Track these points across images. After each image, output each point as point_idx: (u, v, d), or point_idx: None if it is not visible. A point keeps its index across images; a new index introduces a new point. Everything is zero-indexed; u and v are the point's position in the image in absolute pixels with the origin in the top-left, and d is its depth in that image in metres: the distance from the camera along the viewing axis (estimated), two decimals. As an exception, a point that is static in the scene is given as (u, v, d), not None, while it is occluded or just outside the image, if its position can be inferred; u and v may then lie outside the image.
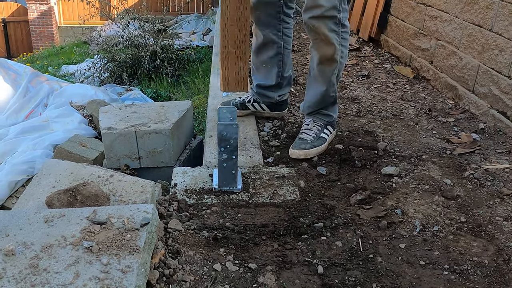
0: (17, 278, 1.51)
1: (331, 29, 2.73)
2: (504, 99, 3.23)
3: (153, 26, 9.37)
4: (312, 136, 2.92)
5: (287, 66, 3.25)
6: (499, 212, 2.32)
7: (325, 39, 2.75)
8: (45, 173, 2.34)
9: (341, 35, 2.80)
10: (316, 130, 2.95)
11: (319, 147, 2.90)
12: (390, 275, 1.95)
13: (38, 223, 1.76)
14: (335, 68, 2.88)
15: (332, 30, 2.73)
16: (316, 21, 2.70)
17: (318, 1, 2.65)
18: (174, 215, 2.24)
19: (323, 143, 2.93)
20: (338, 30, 2.76)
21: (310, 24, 2.73)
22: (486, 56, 3.45)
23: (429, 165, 2.75)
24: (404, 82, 4.31)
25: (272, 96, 3.29)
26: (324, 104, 2.98)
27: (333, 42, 2.75)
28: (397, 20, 5.02)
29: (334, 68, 2.87)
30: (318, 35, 2.76)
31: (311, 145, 2.88)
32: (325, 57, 2.82)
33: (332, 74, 2.89)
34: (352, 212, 2.39)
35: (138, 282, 1.54)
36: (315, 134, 2.93)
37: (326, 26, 2.71)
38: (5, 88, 5.11)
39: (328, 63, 2.85)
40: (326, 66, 2.86)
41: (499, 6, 3.31)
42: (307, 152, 2.86)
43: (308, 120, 3.03)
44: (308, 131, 2.95)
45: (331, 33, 2.73)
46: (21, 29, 18.61)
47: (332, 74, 2.89)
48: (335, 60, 2.83)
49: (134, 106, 3.43)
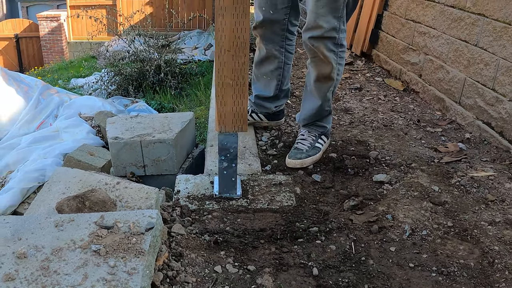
0: (29, 280, 1.51)
1: (330, 49, 2.71)
2: (488, 111, 3.24)
3: (157, 42, 9.39)
4: (307, 146, 2.92)
5: (286, 80, 3.25)
6: (484, 217, 2.32)
7: (323, 59, 2.74)
8: (55, 180, 2.34)
9: (339, 54, 2.78)
10: (311, 140, 2.95)
11: (314, 156, 2.90)
12: (381, 276, 1.95)
13: (49, 227, 1.77)
14: (331, 85, 2.87)
15: (330, 50, 2.72)
16: (316, 41, 2.69)
17: (319, 22, 2.63)
18: (177, 220, 2.24)
19: (318, 152, 2.93)
20: (336, 50, 2.75)
21: (310, 43, 2.72)
22: (472, 70, 3.47)
23: (418, 173, 2.75)
24: (394, 94, 4.32)
25: (269, 106, 3.29)
26: (319, 117, 2.98)
27: (331, 61, 2.74)
28: (387, 36, 5.04)
29: (330, 85, 2.87)
30: (316, 54, 2.74)
31: (306, 155, 2.88)
32: (322, 75, 2.81)
33: (328, 90, 2.89)
34: (345, 217, 2.39)
35: (143, 283, 1.54)
36: (310, 144, 2.93)
37: (325, 46, 2.69)
38: (18, 100, 5.12)
39: (325, 81, 2.84)
40: (323, 83, 2.86)
41: (484, 22, 3.33)
42: (303, 162, 2.86)
43: (304, 131, 3.03)
44: (304, 141, 2.96)
45: (330, 53, 2.72)
46: (33, 45, 18.67)
47: (328, 90, 2.89)
48: (332, 78, 2.83)
49: (139, 117, 3.44)
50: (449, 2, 3.82)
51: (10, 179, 3.91)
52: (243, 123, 2.36)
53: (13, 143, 4.53)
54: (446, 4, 3.87)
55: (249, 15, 2.14)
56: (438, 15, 3.98)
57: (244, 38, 2.15)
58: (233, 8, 2.11)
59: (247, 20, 2.14)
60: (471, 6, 3.51)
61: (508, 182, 2.61)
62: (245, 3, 2.11)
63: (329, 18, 2.64)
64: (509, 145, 3.01)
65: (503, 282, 1.89)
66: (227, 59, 2.20)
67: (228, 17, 2.12)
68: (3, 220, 1.82)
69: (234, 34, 2.15)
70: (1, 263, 1.58)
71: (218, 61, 2.20)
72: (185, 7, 16.03)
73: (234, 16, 2.12)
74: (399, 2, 4.78)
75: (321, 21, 2.63)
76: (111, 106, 5.80)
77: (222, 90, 2.27)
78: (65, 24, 17.16)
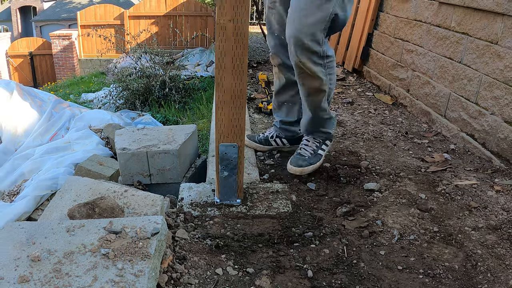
0: (42, 281, 1.52)
1: (316, 63, 2.60)
2: (472, 123, 3.25)
3: (162, 59, 9.40)
4: (309, 152, 2.85)
5: None
6: (468, 223, 2.33)
7: (311, 74, 2.62)
8: (67, 188, 2.34)
9: (326, 65, 2.66)
10: (314, 146, 2.88)
11: (315, 164, 2.82)
12: (371, 278, 1.95)
13: (61, 232, 1.77)
14: (323, 96, 2.76)
15: (317, 64, 2.60)
16: (301, 56, 2.56)
17: (301, 37, 2.50)
18: (181, 226, 2.25)
19: (319, 160, 2.85)
20: (323, 62, 2.62)
21: (296, 60, 2.60)
22: (456, 85, 3.49)
23: (406, 181, 2.76)
24: (384, 108, 4.33)
25: (294, 130, 3.19)
26: (320, 125, 2.89)
27: (319, 75, 2.62)
28: (377, 53, 5.06)
29: (322, 96, 2.76)
30: (303, 70, 2.62)
31: (308, 163, 2.80)
32: (313, 89, 2.71)
33: (322, 101, 2.78)
34: (338, 223, 2.39)
35: (149, 284, 1.55)
36: (312, 150, 2.86)
37: (311, 61, 2.58)
38: (32, 114, 5.13)
39: (316, 94, 2.73)
40: (315, 97, 2.75)
41: (468, 41, 3.35)
42: (303, 170, 2.79)
43: (308, 136, 2.95)
44: (307, 146, 2.88)
45: (317, 66, 2.60)
46: (46, 61, 18.74)
47: (321, 102, 2.78)
48: (323, 90, 2.71)
49: (145, 129, 3.45)
50: (435, 22, 3.85)
51: (25, 187, 3.91)
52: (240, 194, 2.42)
53: (28, 153, 4.53)
54: (432, 24, 3.90)
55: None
56: (425, 34, 4.01)
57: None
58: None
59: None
60: (455, 26, 3.53)
61: (490, 190, 2.62)
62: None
63: (313, 31, 2.51)
64: (491, 156, 3.02)
65: (486, 284, 1.90)
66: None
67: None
68: (18, 225, 1.83)
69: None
70: (17, 266, 1.59)
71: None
72: (188, 27, 16.11)
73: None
74: (389, 22, 4.81)
75: (302, 35, 2.50)
76: (119, 119, 5.80)
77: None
78: (76, 42, 17.22)
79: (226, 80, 2.19)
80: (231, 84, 2.19)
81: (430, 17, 3.94)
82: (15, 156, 4.53)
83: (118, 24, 16.43)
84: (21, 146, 4.73)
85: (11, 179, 4.23)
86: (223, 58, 2.15)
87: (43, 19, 27.76)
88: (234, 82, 2.19)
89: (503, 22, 2.98)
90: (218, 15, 2.07)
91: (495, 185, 2.67)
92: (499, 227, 2.27)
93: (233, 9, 2.05)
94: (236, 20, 2.07)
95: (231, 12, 2.06)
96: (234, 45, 2.12)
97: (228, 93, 2.22)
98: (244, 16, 2.07)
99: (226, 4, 2.04)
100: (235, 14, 2.06)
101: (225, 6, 2.04)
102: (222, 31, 2.09)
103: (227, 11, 2.05)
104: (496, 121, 2.99)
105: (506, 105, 2.92)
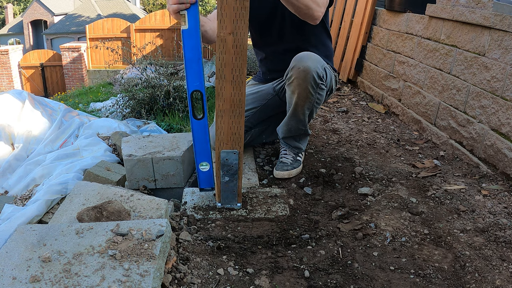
0: (53, 281, 1.52)
1: (312, 85, 2.67)
2: (460, 131, 3.26)
3: (167, 70, 9.39)
4: (290, 159, 2.99)
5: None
6: (456, 225, 2.33)
7: (305, 94, 2.69)
8: (76, 193, 2.35)
9: (319, 86, 2.71)
10: (293, 154, 3.01)
11: (298, 168, 2.97)
12: (365, 278, 1.96)
13: (70, 234, 1.78)
14: (306, 111, 2.80)
15: (312, 86, 2.67)
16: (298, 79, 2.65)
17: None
18: (184, 228, 2.25)
19: (300, 165, 3.01)
20: (319, 82, 2.69)
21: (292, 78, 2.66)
22: (446, 95, 3.49)
23: (398, 186, 2.77)
24: (377, 116, 4.34)
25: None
26: (294, 134, 2.96)
27: (311, 93, 2.69)
28: (371, 64, 5.07)
29: (305, 111, 2.80)
30: (295, 88, 2.68)
31: (292, 167, 2.95)
32: (300, 105, 2.75)
33: (304, 114, 2.81)
34: (333, 225, 2.40)
35: (154, 284, 1.55)
36: (292, 158, 2.99)
37: (308, 82, 2.65)
38: (43, 122, 5.13)
39: (301, 111, 2.79)
40: (299, 112, 2.80)
41: (457, 53, 3.36)
42: (289, 173, 2.92)
43: (284, 148, 3.04)
44: (287, 155, 3.01)
45: (312, 89, 2.68)
46: (56, 72, 18.76)
47: (303, 114, 2.81)
48: (309, 108, 2.78)
49: (150, 136, 3.45)
50: (425, 35, 3.87)
51: (36, 191, 3.90)
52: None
53: (39, 159, 4.53)
54: (422, 37, 3.92)
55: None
56: (416, 47, 4.02)
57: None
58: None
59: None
60: (445, 39, 3.55)
61: (477, 194, 2.62)
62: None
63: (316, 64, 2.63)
64: (478, 162, 3.03)
65: (474, 284, 1.90)
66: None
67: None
68: (30, 228, 1.83)
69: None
70: (28, 266, 1.59)
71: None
72: (192, 39, 16.08)
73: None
74: (381, 35, 4.83)
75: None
76: (125, 127, 5.80)
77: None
78: (85, 54, 17.26)
79: (226, 90, 2.20)
80: (230, 94, 2.20)
81: (421, 30, 3.95)
82: (27, 162, 4.52)
83: (124, 37, 16.46)
84: (33, 152, 4.73)
85: (23, 183, 4.22)
86: (223, 69, 2.16)
87: (53, 32, 27.84)
88: (234, 92, 2.20)
89: (490, 35, 2.99)
90: (218, 28, 2.08)
91: (482, 189, 2.68)
92: (486, 229, 2.28)
93: (232, 23, 2.07)
94: (235, 33, 2.08)
95: (231, 26, 2.07)
96: (233, 57, 2.13)
97: (227, 103, 2.23)
98: (243, 29, 2.08)
99: (226, 18, 2.05)
100: (235, 27, 2.07)
101: (225, 20, 2.06)
102: (222, 43, 2.10)
103: (227, 24, 2.07)
104: (484, 129, 3.00)
105: (493, 114, 2.93)
